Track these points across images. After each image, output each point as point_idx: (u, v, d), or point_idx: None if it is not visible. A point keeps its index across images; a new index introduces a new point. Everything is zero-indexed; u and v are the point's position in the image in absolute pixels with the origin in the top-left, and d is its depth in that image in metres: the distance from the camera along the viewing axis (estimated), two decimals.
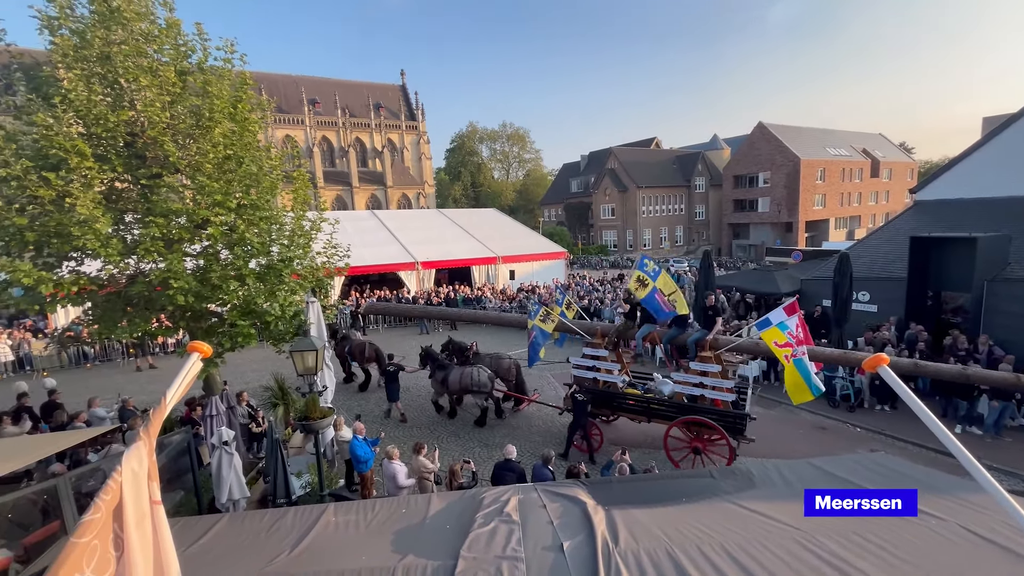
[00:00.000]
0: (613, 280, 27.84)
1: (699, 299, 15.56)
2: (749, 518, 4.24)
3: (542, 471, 7.38)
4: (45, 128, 6.63)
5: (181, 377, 1.67)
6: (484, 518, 4.43)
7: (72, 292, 7.20)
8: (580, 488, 5.02)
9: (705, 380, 9.01)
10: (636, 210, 52.55)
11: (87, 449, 7.89)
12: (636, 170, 53.01)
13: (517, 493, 4.94)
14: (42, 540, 5.82)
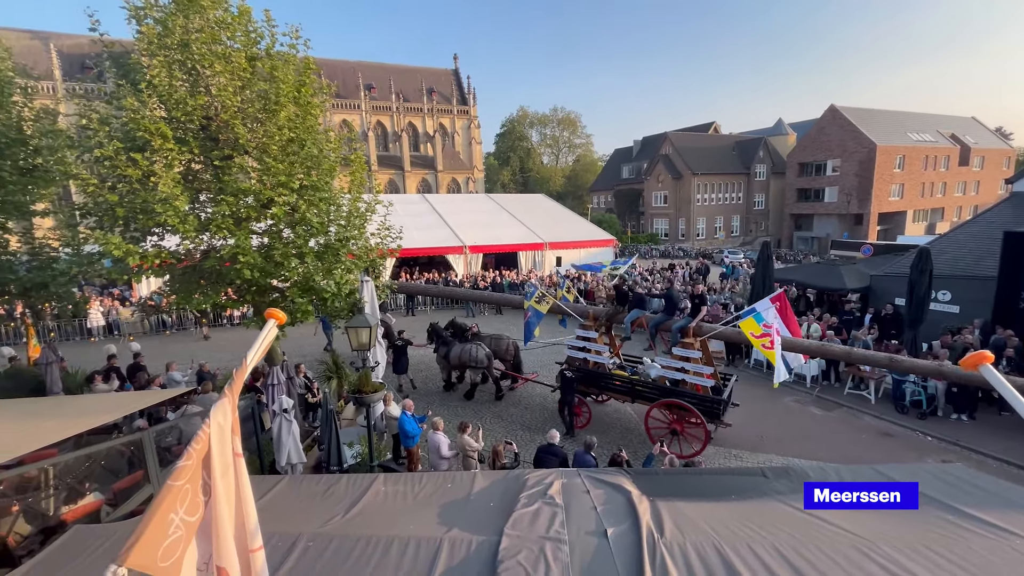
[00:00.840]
0: (663, 270, 27.06)
1: (754, 293, 14.85)
2: (805, 521, 4.04)
3: (584, 457, 7.37)
4: (133, 112, 7.19)
5: (260, 341, 1.79)
6: (528, 499, 4.49)
7: (155, 264, 7.83)
8: (624, 477, 4.97)
9: (687, 366, 9.31)
10: (690, 198, 50.54)
11: (165, 408, 8.63)
12: (692, 156, 50.84)
13: (560, 477, 4.96)
14: (128, 487, 6.46)
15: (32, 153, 9.27)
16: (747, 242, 51.99)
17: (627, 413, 11.33)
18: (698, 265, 27.51)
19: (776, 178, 52.62)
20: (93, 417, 5.14)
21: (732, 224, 53.93)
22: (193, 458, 1.47)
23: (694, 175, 49.75)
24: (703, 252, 42.45)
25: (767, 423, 10.74)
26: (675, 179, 51.28)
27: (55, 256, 9.85)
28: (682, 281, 23.93)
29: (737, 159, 53.53)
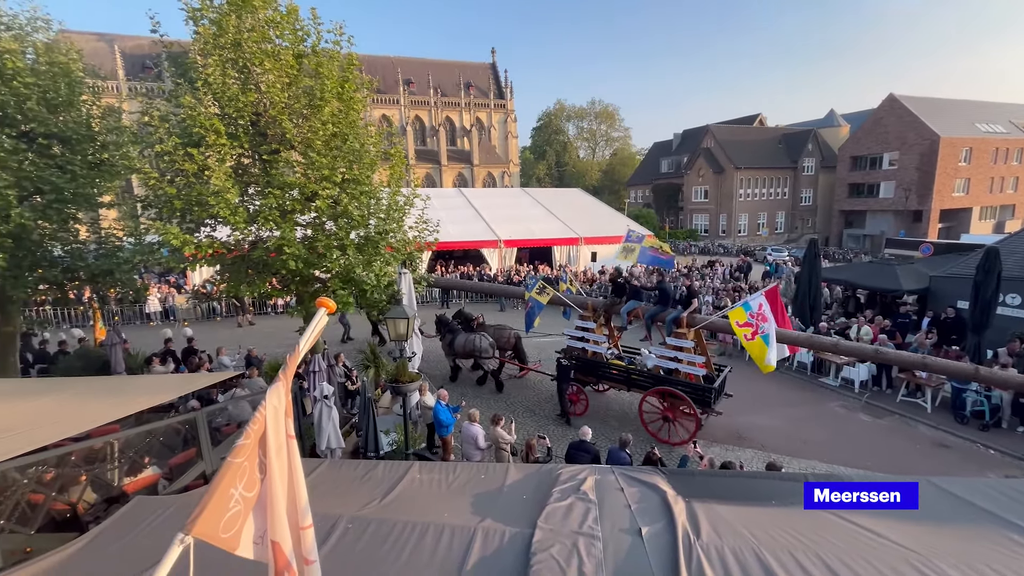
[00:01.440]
0: (703, 267, 26.32)
1: (800, 292, 14.23)
2: (852, 531, 3.88)
3: (619, 454, 7.31)
4: (190, 109, 7.57)
5: (311, 329, 1.87)
6: (561, 493, 4.49)
7: (208, 254, 8.25)
8: (659, 476, 4.89)
9: (680, 355, 9.67)
10: (732, 193, 48.82)
11: (216, 391, 9.12)
12: (735, 149, 49.02)
13: (594, 473, 4.94)
14: (182, 463, 6.88)
15: (99, 149, 9.89)
16: (792, 239, 49.82)
17: (625, 402, 11.44)
18: (739, 263, 26.58)
19: (826, 172, 50.12)
20: (153, 396, 5.50)
21: (776, 220, 51.80)
22: (251, 437, 1.55)
23: (737, 169, 48.01)
24: (745, 249, 40.96)
25: (810, 428, 10.33)
26: (716, 173, 49.65)
27: (119, 245, 10.52)
28: (722, 279, 23.22)
29: (783, 152, 51.26)
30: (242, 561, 1.55)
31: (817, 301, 13.94)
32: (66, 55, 9.75)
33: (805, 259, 14.61)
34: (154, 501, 4.40)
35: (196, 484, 5.59)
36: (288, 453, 1.76)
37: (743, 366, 14.09)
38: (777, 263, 27.65)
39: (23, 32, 9.22)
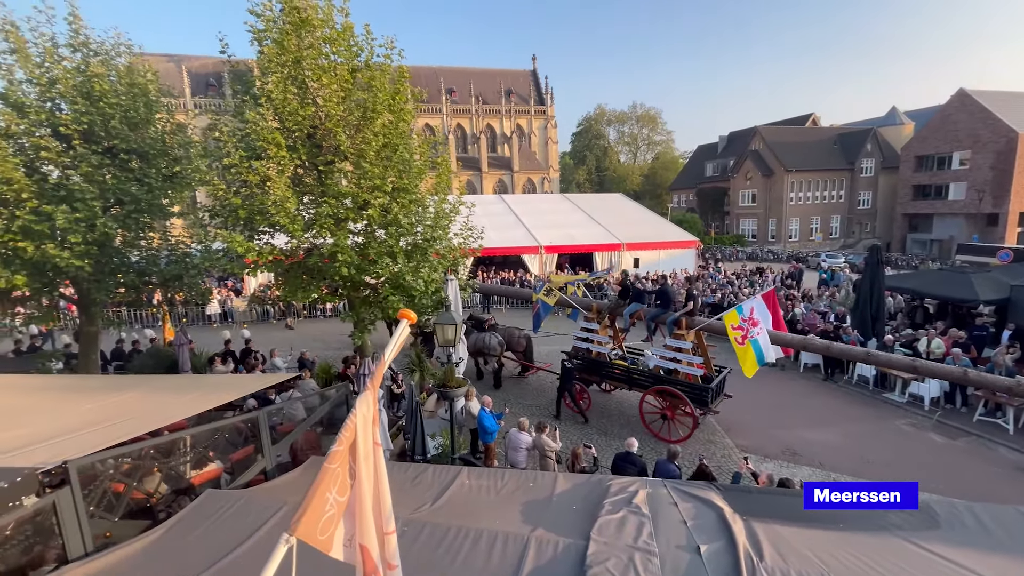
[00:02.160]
0: (752, 273, 25.33)
1: (861, 301, 13.44)
2: (930, 561, 3.62)
3: (667, 466, 7.13)
4: (253, 123, 8.03)
5: (395, 339, 1.94)
6: (612, 505, 4.43)
7: (268, 260, 8.70)
8: (714, 492, 4.74)
9: (679, 355, 9.99)
10: (782, 196, 46.79)
11: (272, 391, 9.56)
12: (785, 151, 46.99)
13: (645, 486, 4.84)
14: (242, 458, 7.24)
15: (172, 162, 10.64)
16: (849, 245, 47.19)
17: (629, 402, 11.45)
18: (790, 269, 25.39)
19: (887, 173, 47.23)
20: (220, 395, 5.84)
21: (831, 225, 49.21)
22: (344, 444, 1.63)
23: (787, 172, 45.99)
24: (796, 255, 39.12)
25: (873, 446, 9.71)
26: (765, 176, 47.75)
27: (188, 252, 11.27)
28: (772, 286, 22.27)
29: (839, 153, 48.71)
30: (330, 563, 1.63)
31: (880, 311, 13.12)
32: (144, 77, 10.59)
33: (867, 266, 13.80)
34: (222, 495, 4.65)
35: (257, 480, 5.86)
36: (375, 460, 1.83)
37: (795, 377, 13.44)
38: (833, 270, 26.22)
39: (108, 57, 10.07)
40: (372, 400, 1.80)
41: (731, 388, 12.21)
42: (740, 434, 10.15)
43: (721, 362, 11.09)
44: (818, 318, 15.23)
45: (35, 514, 3.59)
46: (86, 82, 9.30)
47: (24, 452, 3.94)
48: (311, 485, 1.48)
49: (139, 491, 5.42)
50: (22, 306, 10.25)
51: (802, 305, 16.98)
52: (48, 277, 9.25)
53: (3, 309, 9.93)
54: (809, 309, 16.47)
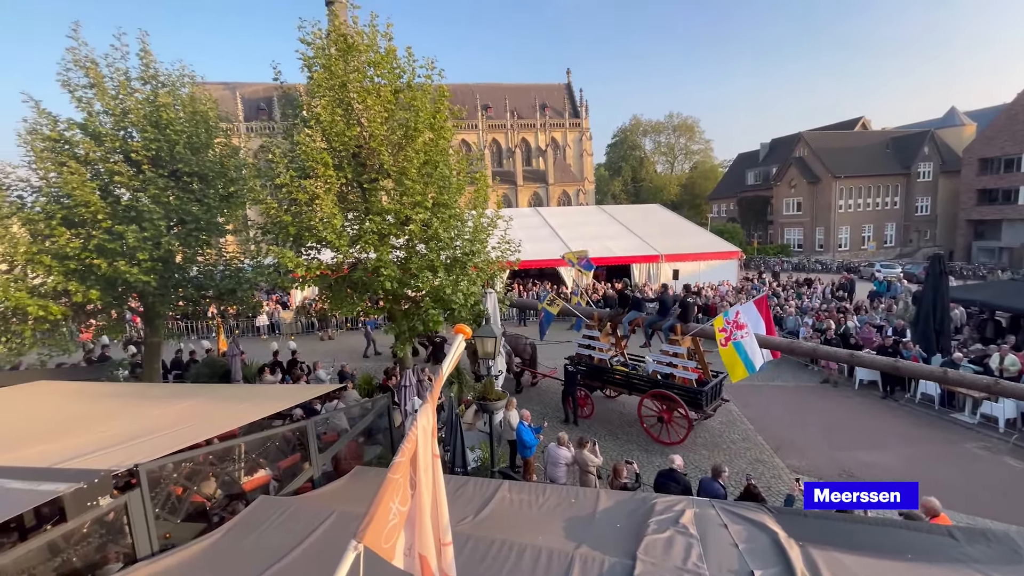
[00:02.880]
0: (799, 285, 24.27)
1: (923, 315, 12.62)
2: None
3: (711, 485, 6.87)
4: (303, 144, 8.46)
5: (451, 353, 2.00)
6: (658, 524, 4.31)
7: (315, 274, 9.06)
8: (766, 514, 4.53)
9: (675, 360, 10.31)
10: (830, 204, 44.76)
11: (317, 401, 9.88)
12: (832, 157, 45.05)
13: (692, 506, 4.69)
14: (290, 466, 7.49)
15: (228, 183, 11.35)
16: (906, 254, 44.50)
17: (633, 408, 11.34)
18: (841, 280, 24.13)
19: (947, 177, 44.45)
20: (271, 404, 6.10)
21: (885, 233, 46.61)
22: (405, 455, 1.69)
23: (835, 178, 44.03)
24: (847, 265, 37.19)
25: (940, 471, 9.02)
26: (811, 183, 45.89)
27: (241, 267, 11.91)
28: (821, 299, 21.23)
29: (892, 158, 46.26)
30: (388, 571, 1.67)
31: (945, 325, 12.27)
32: (204, 104, 11.37)
33: (928, 276, 12.98)
34: (274, 501, 4.83)
35: (305, 488, 6.05)
36: (434, 471, 1.87)
37: (850, 395, 12.71)
38: (888, 280, 24.76)
39: (174, 87, 10.89)
40: (432, 412, 1.85)
41: (778, 407, 11.72)
42: (791, 454, 9.67)
43: (719, 367, 10.84)
44: (874, 332, 14.39)
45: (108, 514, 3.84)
46: (155, 111, 10.09)
47: (98, 455, 4.24)
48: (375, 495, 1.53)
49: (198, 495, 5.69)
50: (94, 319, 11.07)
51: (855, 318, 16.09)
52: (118, 292, 9.97)
53: (79, 321, 10.75)
54: (863, 322, 15.59)
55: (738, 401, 12.38)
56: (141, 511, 3.79)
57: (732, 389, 13.17)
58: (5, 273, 9.35)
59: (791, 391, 13.30)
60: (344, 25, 9.87)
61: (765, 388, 13.55)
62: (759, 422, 11.15)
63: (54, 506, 4.35)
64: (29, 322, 9.29)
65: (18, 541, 4.67)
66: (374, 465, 7.88)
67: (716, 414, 10.89)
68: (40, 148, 9.51)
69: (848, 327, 14.79)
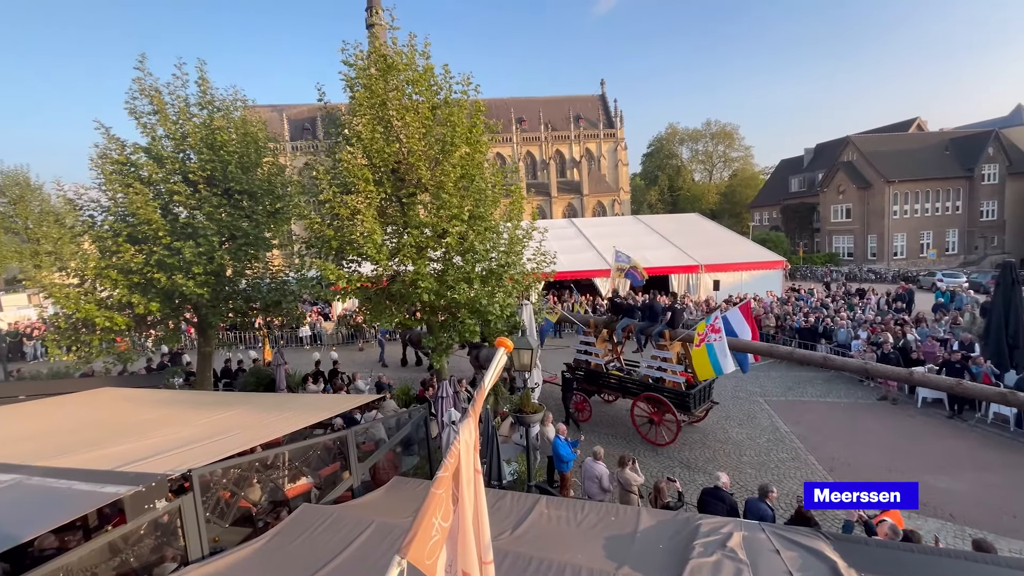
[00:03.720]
0: (851, 295, 23.00)
1: (993, 327, 11.69)
2: None
3: (759, 506, 6.53)
4: (345, 161, 8.76)
5: (494, 366, 1.99)
6: (704, 548, 4.12)
7: (356, 286, 9.30)
8: (823, 541, 4.25)
9: (664, 364, 10.88)
10: (883, 210, 42.43)
11: (357, 411, 10.08)
12: (885, 161, 42.79)
13: (740, 528, 4.46)
14: (329, 474, 7.65)
15: (275, 200, 11.90)
16: (971, 262, 41.54)
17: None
18: (898, 290, 22.68)
19: (1015, 179, 41.45)
20: (314, 413, 6.26)
21: (946, 240, 43.72)
22: (449, 470, 1.68)
23: (889, 183, 41.78)
24: (904, 274, 35.01)
25: (1020, 499, 8.24)
26: (861, 189, 43.73)
27: (286, 279, 12.40)
28: (875, 310, 20.02)
29: (953, 160, 43.52)
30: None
31: (1020, 339, 11.32)
32: (255, 126, 12.01)
33: (998, 286, 12.05)
34: (316, 509, 4.93)
35: (345, 497, 6.15)
36: (476, 486, 1.86)
37: (912, 413, 11.85)
38: (952, 291, 23.12)
39: (228, 111, 11.56)
40: (474, 426, 1.84)
41: (832, 425, 11.14)
42: (846, 476, 9.07)
43: None
44: (937, 346, 13.42)
45: (163, 516, 4.02)
46: (210, 134, 10.73)
47: (154, 460, 4.45)
48: (418, 509, 1.53)
49: (245, 500, 5.89)
50: (154, 329, 11.75)
51: (915, 331, 15.07)
52: (175, 304, 10.56)
53: (140, 332, 11.44)
54: (925, 335, 14.58)
55: (786, 418, 11.82)
56: (193, 515, 3.94)
57: (780, 406, 12.60)
58: (76, 287, 10.08)
59: (845, 408, 12.56)
60: (384, 46, 10.22)
61: (816, 404, 12.86)
62: (810, 441, 10.57)
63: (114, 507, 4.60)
64: (97, 332, 9.95)
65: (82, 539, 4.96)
66: (411, 476, 7.95)
67: (744, 425, 11.25)
68: (109, 171, 10.27)
69: (908, 340, 13.87)
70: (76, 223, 10.73)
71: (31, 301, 28.92)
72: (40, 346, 21.70)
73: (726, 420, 11.89)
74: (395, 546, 3.90)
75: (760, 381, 14.58)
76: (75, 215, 10.72)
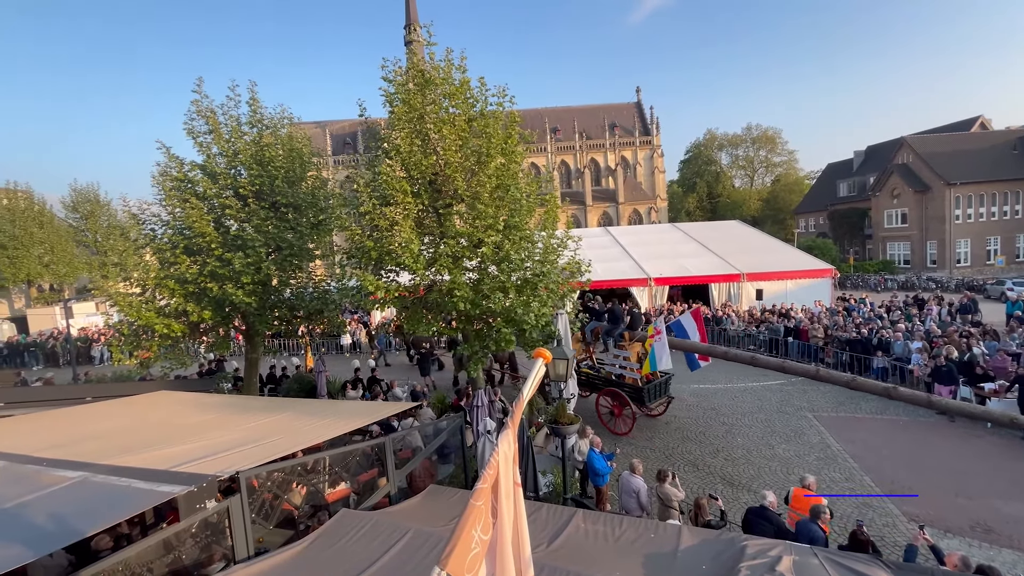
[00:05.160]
0: (908, 305, 21.60)
1: None
2: None
3: (810, 528, 6.17)
4: (384, 174, 9.02)
5: (532, 378, 1.98)
6: (750, 570, 3.92)
7: (394, 295, 9.51)
8: (881, 569, 3.97)
9: (623, 363, 12.21)
10: (944, 214, 39.77)
11: (395, 418, 10.24)
12: (944, 162, 40.19)
13: (790, 552, 4.22)
14: (367, 480, 7.79)
15: (318, 212, 12.38)
16: None
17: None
18: (962, 300, 21.12)
19: None
20: (354, 420, 6.41)
21: (1016, 245, 40.47)
22: (488, 482, 1.67)
23: (949, 185, 39.17)
24: (968, 283, 32.62)
25: None
26: (919, 192, 41.19)
27: (328, 289, 12.83)
28: (936, 320, 18.70)
29: (1022, 160, 40.42)
30: None
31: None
32: (300, 142, 12.57)
33: None
34: (355, 515, 5.02)
35: (382, 503, 6.24)
36: (515, 499, 1.84)
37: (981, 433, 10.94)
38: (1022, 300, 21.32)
39: (276, 128, 12.16)
40: (513, 438, 1.82)
41: (889, 444, 10.51)
42: (907, 499, 8.46)
43: (682, 371, 12.96)
44: (1008, 360, 12.38)
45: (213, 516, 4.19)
46: (259, 151, 11.30)
47: (205, 461, 4.66)
48: (458, 521, 1.52)
49: (287, 503, 6.07)
50: (206, 336, 12.39)
51: (983, 344, 13.96)
52: (226, 312, 11.11)
53: (194, 338, 12.09)
54: (995, 349, 13.48)
55: (838, 435, 11.17)
56: (240, 515, 4.09)
57: (831, 422, 11.95)
58: (139, 295, 10.78)
59: (904, 426, 11.74)
60: (422, 61, 10.51)
61: (871, 421, 12.10)
62: (865, 460, 9.93)
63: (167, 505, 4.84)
64: (155, 338, 10.58)
65: (139, 535, 5.24)
66: (446, 484, 7.99)
67: (791, 442, 10.81)
68: (169, 187, 10.98)
69: (975, 354, 12.87)
70: (139, 236, 11.50)
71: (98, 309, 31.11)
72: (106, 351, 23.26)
73: (771, 435, 11.36)
74: (432, 555, 3.91)
75: (808, 395, 13.87)
76: (138, 229, 11.50)
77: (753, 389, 14.63)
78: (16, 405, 8.23)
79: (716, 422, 12.31)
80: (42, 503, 3.65)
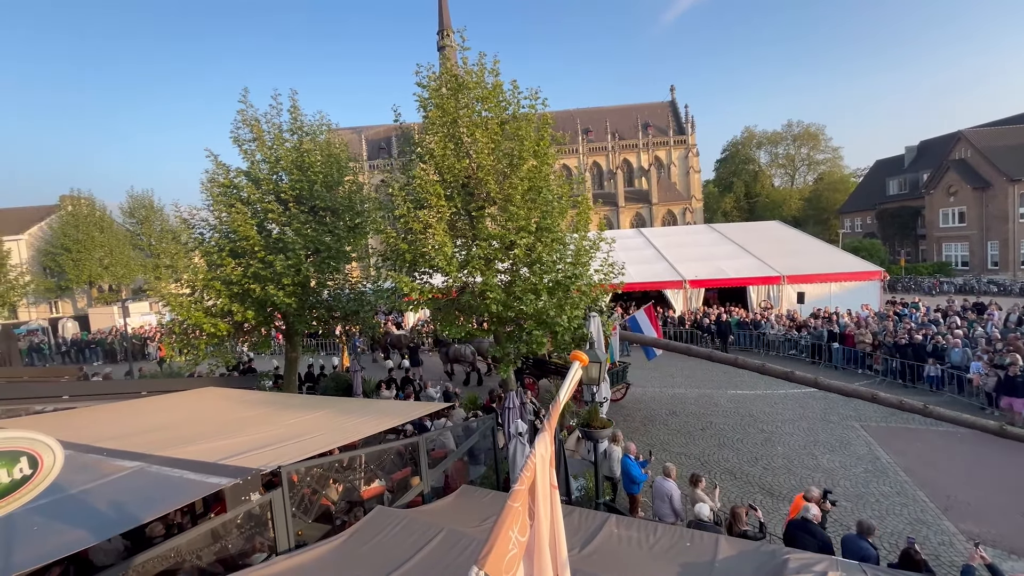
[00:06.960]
0: (967, 310, 20.29)
1: None
2: None
3: (859, 544, 5.89)
4: (419, 178, 9.18)
5: (569, 379, 1.98)
6: None
7: (427, 297, 9.66)
8: None
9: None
10: (1007, 213, 37.15)
11: (428, 418, 10.38)
12: (1007, 157, 37.54)
13: (837, 568, 4.03)
14: (400, 479, 7.92)
15: (355, 215, 12.72)
16: None
17: None
18: None
19: None
20: (389, 418, 6.54)
21: None
22: (525, 484, 1.69)
23: (1013, 182, 36.57)
24: None
25: None
26: (978, 189, 38.65)
27: (363, 291, 13.16)
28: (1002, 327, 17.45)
29: None
30: None
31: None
32: (337, 148, 12.96)
33: None
34: (389, 512, 5.11)
35: (416, 502, 6.34)
36: (552, 502, 1.85)
37: None
38: None
39: (315, 135, 12.58)
40: (550, 441, 1.82)
41: (945, 457, 10.00)
42: (965, 517, 7.94)
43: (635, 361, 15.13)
44: None
45: (256, 508, 4.36)
46: (300, 157, 11.72)
47: (249, 455, 4.86)
48: (495, 521, 1.54)
49: (325, 499, 6.25)
50: (249, 335, 12.92)
51: None
52: (267, 312, 11.56)
53: (237, 338, 12.63)
54: None
55: (888, 447, 10.62)
56: (282, 508, 4.24)
57: (880, 432, 11.39)
58: (188, 296, 11.35)
59: (961, 438, 11.02)
60: (455, 66, 10.65)
61: (924, 432, 11.43)
62: (919, 474, 9.39)
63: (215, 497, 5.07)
64: (203, 337, 11.12)
65: (189, 524, 5.51)
66: (477, 485, 8.03)
67: (836, 452, 10.45)
68: (216, 193, 11.53)
69: None
70: (189, 240, 12.13)
71: (152, 308, 32.97)
72: (159, 348, 24.63)
73: (814, 445, 10.89)
74: (464, 555, 3.94)
75: (854, 404, 13.20)
76: (188, 233, 12.13)
77: (794, 396, 14.07)
78: (79, 398, 8.80)
79: (754, 429, 11.91)
80: (103, 490, 3.89)
